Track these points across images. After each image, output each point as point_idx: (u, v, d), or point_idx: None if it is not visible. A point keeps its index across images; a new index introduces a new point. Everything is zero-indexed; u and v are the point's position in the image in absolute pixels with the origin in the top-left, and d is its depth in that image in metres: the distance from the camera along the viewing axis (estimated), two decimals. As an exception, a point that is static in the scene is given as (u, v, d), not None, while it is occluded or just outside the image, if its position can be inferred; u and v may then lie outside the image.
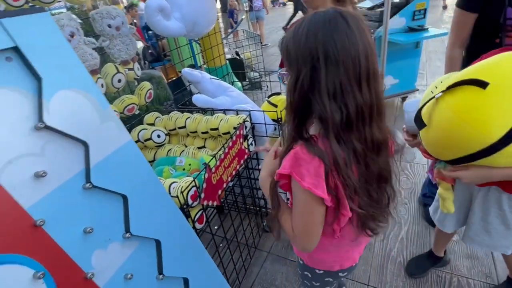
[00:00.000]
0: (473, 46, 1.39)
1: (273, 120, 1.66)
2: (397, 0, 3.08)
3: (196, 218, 1.16)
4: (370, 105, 0.63)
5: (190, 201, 1.10)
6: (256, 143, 1.63)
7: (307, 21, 0.63)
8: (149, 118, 1.72)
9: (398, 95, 3.40)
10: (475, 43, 1.38)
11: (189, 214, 1.12)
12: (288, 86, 0.68)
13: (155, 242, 0.87)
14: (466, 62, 1.27)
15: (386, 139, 0.70)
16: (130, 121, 1.71)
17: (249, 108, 1.60)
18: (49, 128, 0.61)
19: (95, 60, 1.31)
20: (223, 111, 1.63)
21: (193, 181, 1.11)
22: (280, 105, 1.69)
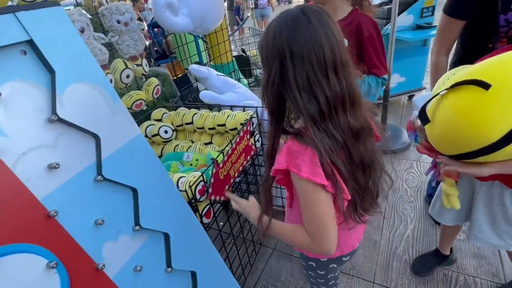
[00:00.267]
0: (465, 52, 1.38)
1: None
2: (405, -3, 3.05)
3: (204, 213, 1.17)
4: (342, 94, 0.66)
5: (198, 196, 1.11)
6: (263, 140, 1.63)
7: (274, 22, 0.67)
8: (157, 114, 1.73)
9: (405, 93, 3.36)
10: (467, 49, 1.36)
11: (197, 209, 1.13)
12: (262, 84, 0.71)
13: (164, 235, 0.88)
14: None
15: (365, 126, 0.72)
16: (138, 117, 1.72)
17: (256, 105, 1.60)
18: (62, 121, 0.62)
19: (105, 56, 1.32)
20: (230, 107, 1.63)
21: (201, 176, 1.12)
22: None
